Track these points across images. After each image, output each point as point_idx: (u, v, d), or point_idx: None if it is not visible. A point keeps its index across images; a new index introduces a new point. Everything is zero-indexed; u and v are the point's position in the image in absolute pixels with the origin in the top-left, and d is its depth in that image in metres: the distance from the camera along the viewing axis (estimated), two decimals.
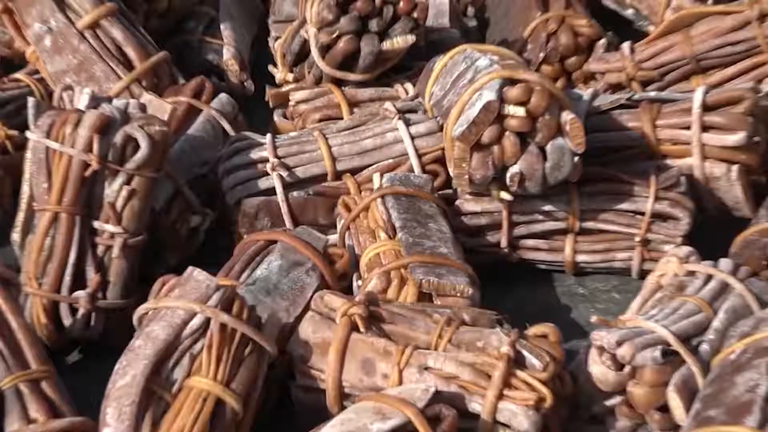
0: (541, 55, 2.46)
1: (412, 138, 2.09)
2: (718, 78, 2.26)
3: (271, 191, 2.07)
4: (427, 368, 1.58)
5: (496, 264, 2.06)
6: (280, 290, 1.80)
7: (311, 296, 1.76)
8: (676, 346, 1.59)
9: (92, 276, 1.87)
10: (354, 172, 2.09)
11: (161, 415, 1.51)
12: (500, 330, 1.61)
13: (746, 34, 2.24)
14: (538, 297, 2.05)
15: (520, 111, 1.86)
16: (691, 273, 1.79)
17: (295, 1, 2.70)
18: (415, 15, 2.25)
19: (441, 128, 2.07)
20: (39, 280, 1.87)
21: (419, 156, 2.08)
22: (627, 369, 1.60)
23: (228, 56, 2.63)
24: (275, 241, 1.88)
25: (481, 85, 1.89)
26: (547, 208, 2.01)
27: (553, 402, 1.54)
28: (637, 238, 2.00)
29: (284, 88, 2.40)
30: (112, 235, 1.87)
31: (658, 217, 1.99)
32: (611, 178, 2.02)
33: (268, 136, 2.14)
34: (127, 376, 1.52)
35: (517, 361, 1.56)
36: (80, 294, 1.86)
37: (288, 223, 2.05)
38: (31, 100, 2.07)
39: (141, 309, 1.63)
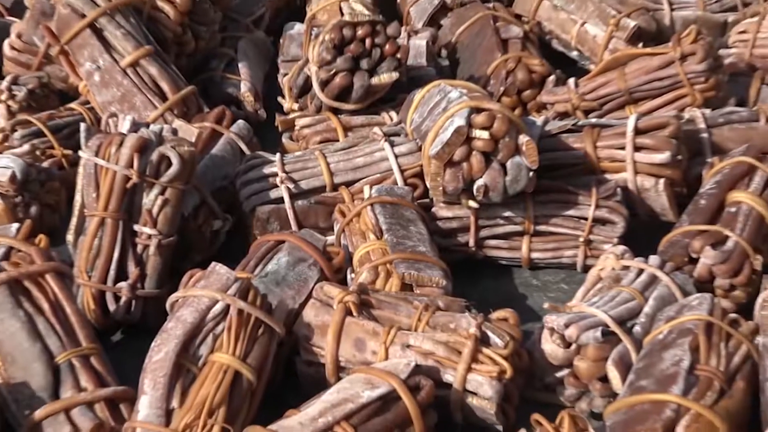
0: (502, 88, 2.45)
1: (396, 157, 2.08)
2: (647, 107, 2.26)
3: (280, 200, 2.06)
4: (408, 346, 1.58)
5: (465, 260, 2.04)
6: (287, 282, 1.79)
7: (313, 287, 1.76)
8: (613, 327, 1.58)
9: (132, 270, 1.86)
10: (348, 184, 2.08)
11: (189, 384, 1.51)
12: (469, 314, 1.61)
13: (670, 72, 2.23)
14: (500, 287, 2.04)
15: (485, 134, 1.86)
16: (626, 267, 1.79)
17: (299, 44, 2.70)
18: (398, 56, 2.24)
19: (420, 149, 2.06)
20: (89, 273, 1.86)
21: (402, 171, 2.07)
22: (573, 347, 1.60)
23: (244, 89, 2.62)
24: (283, 241, 1.88)
25: (453, 113, 1.88)
26: (507, 214, 2.00)
27: (513, 374, 1.55)
28: (581, 239, 1.99)
29: (291, 116, 2.39)
30: (149, 237, 1.86)
31: (599, 221, 1.98)
32: (560, 189, 2.01)
33: (278, 155, 2.13)
34: (161, 353, 1.52)
35: (482, 340, 1.56)
36: (122, 284, 1.85)
37: (294, 227, 2.04)
38: (82, 125, 2.07)
39: (172, 297, 1.63)
